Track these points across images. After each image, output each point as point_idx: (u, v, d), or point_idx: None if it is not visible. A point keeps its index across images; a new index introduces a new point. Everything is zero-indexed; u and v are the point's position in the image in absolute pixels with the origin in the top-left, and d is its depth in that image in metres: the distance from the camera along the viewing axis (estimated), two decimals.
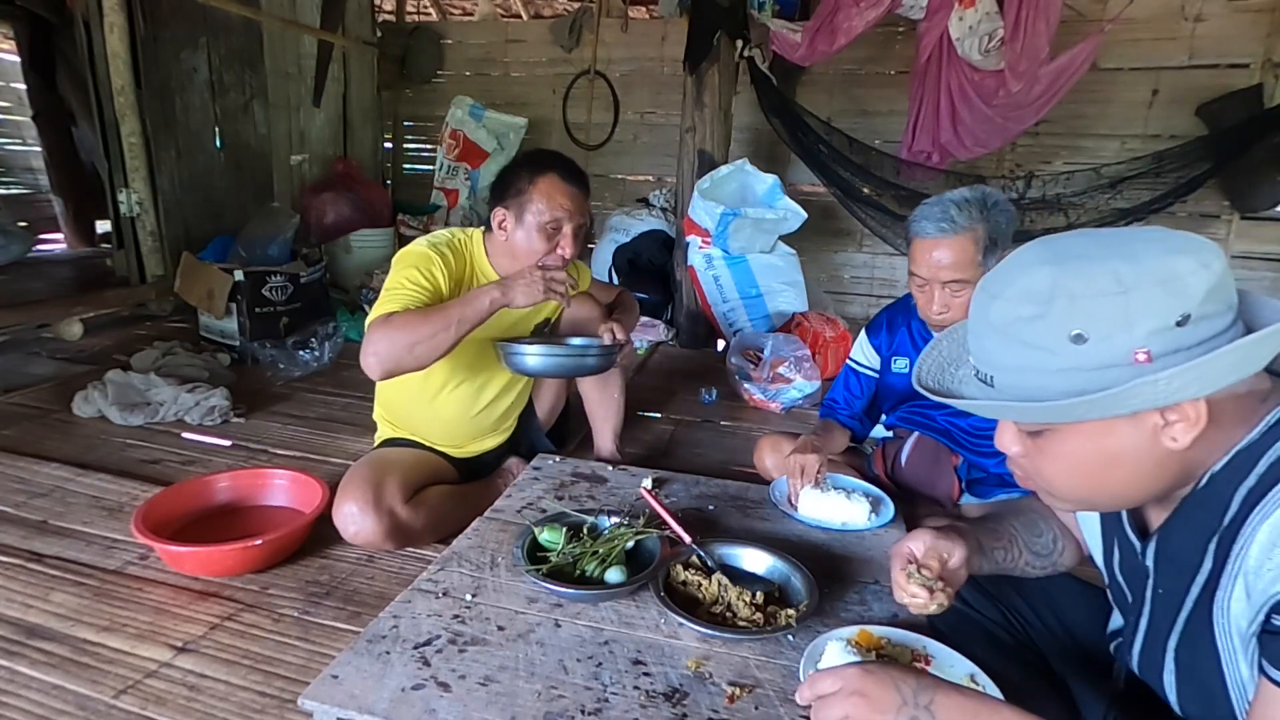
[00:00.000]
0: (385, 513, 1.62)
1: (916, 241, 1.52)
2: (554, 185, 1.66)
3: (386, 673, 0.99)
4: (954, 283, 1.48)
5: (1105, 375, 0.65)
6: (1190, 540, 0.72)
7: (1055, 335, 0.67)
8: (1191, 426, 0.66)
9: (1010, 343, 0.70)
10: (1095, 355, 0.65)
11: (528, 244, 1.68)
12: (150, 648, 1.36)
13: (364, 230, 4.46)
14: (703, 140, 3.73)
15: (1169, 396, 0.64)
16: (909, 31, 3.99)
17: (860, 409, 1.87)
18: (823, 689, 0.77)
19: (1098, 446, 0.70)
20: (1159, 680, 0.80)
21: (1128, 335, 0.64)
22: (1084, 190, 3.57)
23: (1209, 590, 0.70)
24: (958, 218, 1.45)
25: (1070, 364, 0.66)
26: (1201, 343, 0.64)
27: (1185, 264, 0.64)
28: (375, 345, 1.52)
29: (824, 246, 4.82)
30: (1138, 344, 0.64)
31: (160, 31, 3.76)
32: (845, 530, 1.46)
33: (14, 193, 6.14)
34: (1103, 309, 0.65)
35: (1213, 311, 0.64)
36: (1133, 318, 0.64)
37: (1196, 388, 0.64)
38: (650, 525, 1.34)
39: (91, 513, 1.85)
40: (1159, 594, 0.78)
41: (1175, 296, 0.63)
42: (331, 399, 2.83)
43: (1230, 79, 3.94)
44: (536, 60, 5.25)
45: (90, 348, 3.33)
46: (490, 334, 1.83)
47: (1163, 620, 0.77)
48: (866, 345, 1.84)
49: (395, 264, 1.70)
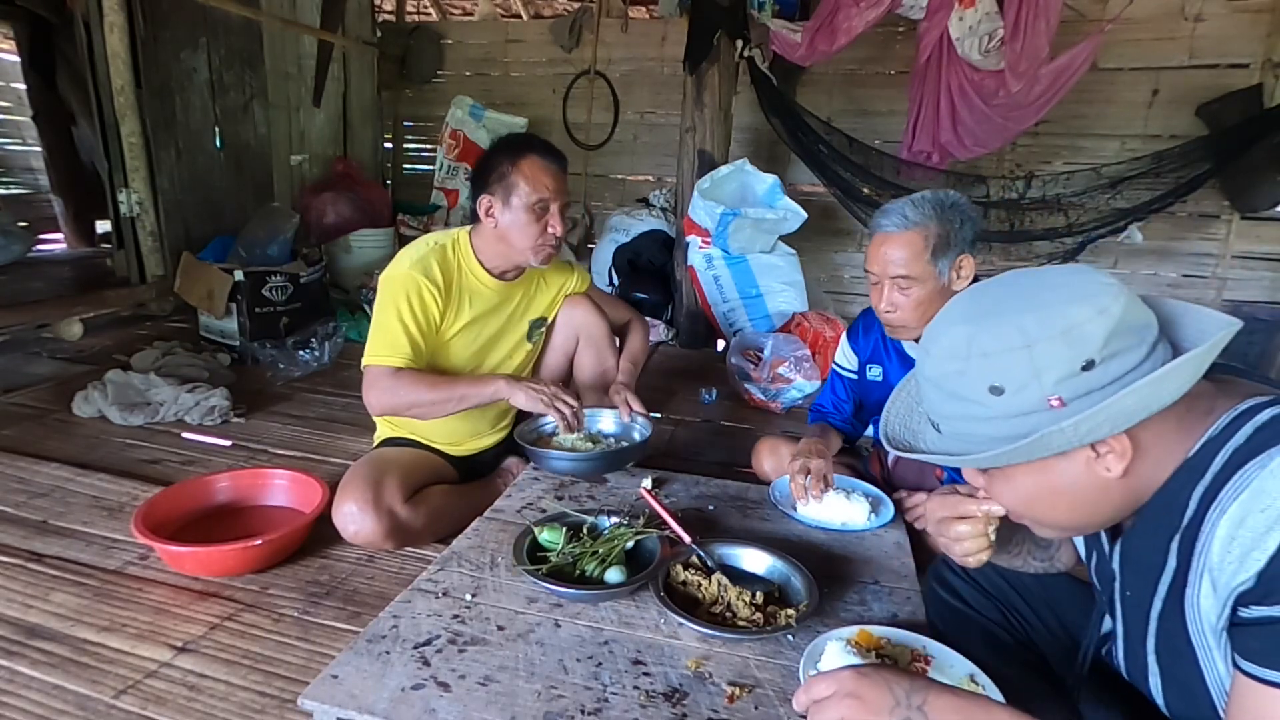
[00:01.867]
0: (385, 512, 1.62)
1: (873, 237, 1.54)
2: (536, 165, 1.68)
3: (386, 673, 0.99)
4: (901, 278, 1.49)
5: (1026, 421, 0.69)
6: (1152, 542, 0.74)
7: (977, 388, 0.72)
8: (1120, 458, 0.70)
9: (944, 395, 0.76)
10: (1014, 405, 0.70)
11: (518, 225, 1.69)
12: (150, 648, 1.36)
13: (364, 230, 4.46)
14: (703, 140, 3.73)
15: (1083, 438, 0.68)
16: (909, 31, 3.99)
17: (850, 412, 1.87)
18: (818, 693, 0.79)
19: (1040, 482, 0.75)
20: (1145, 682, 0.81)
21: (1038, 385, 0.68)
22: (1084, 190, 3.57)
23: (1176, 589, 0.72)
24: (910, 214, 1.47)
25: (995, 413, 0.71)
26: (1114, 380, 0.67)
27: (1082, 312, 0.67)
28: (378, 396, 1.65)
29: (824, 246, 4.82)
30: (1048, 392, 0.68)
31: (160, 31, 3.76)
32: (845, 530, 1.46)
33: (14, 193, 6.14)
34: (1011, 363, 0.69)
35: (1120, 349, 0.67)
36: (1039, 369, 0.68)
37: (1109, 427, 0.68)
38: (650, 525, 1.35)
39: (91, 513, 1.85)
40: (1127, 596, 0.80)
41: (1076, 345, 0.67)
42: (331, 399, 2.83)
43: (1230, 79, 3.94)
44: (536, 60, 5.25)
45: (90, 348, 3.33)
46: (489, 332, 1.84)
47: (1135, 623, 0.79)
48: (847, 348, 1.85)
49: (383, 288, 1.70)
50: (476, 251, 1.78)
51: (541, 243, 1.71)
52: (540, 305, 1.95)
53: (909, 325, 1.53)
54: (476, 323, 1.80)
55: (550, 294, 1.96)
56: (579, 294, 2.00)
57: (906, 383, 0.95)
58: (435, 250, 1.73)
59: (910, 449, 0.87)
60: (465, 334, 1.79)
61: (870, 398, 1.80)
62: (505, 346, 1.91)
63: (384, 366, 1.64)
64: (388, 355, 1.64)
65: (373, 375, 1.65)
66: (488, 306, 1.82)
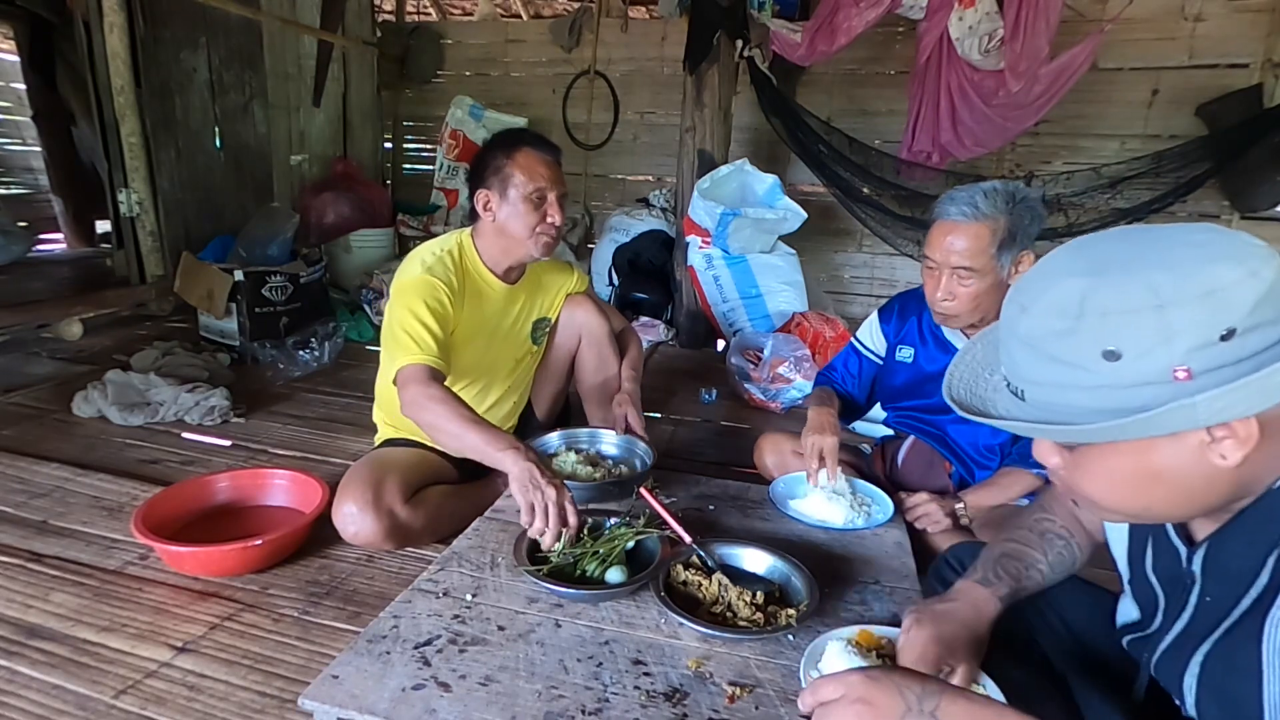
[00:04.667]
0: (384, 512, 1.62)
1: (936, 224, 1.49)
2: (531, 157, 1.69)
3: (387, 673, 0.99)
4: (962, 269, 1.45)
5: (1141, 394, 0.61)
6: (1247, 551, 0.68)
7: (1087, 352, 0.63)
8: (1241, 445, 0.61)
9: (1041, 358, 0.66)
10: (1130, 373, 0.61)
11: (517, 216, 1.70)
12: (150, 648, 1.36)
13: (364, 230, 4.46)
14: (703, 140, 3.73)
15: (1210, 418, 0.59)
16: (909, 31, 3.98)
17: (853, 389, 1.84)
18: (825, 695, 0.76)
19: (1138, 464, 0.66)
20: (1177, 682, 0.77)
21: (1166, 352, 0.59)
22: (1084, 190, 3.57)
23: (1262, 605, 0.66)
24: (981, 205, 1.42)
25: (1103, 381, 0.62)
26: (1251, 356, 0.58)
27: (1231, 274, 0.59)
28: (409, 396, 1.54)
29: (824, 246, 4.82)
30: (1177, 361, 0.59)
31: (160, 31, 3.76)
32: (845, 530, 1.46)
33: (14, 193, 6.14)
34: (1137, 325, 0.60)
35: (1264, 321, 0.58)
36: (1171, 333, 0.59)
37: (1243, 407, 0.59)
38: (650, 525, 1.34)
39: (91, 513, 1.85)
40: (1206, 601, 0.74)
41: (1218, 310, 0.58)
42: (331, 399, 2.83)
43: (1230, 79, 3.94)
44: (536, 60, 5.25)
45: (90, 348, 3.33)
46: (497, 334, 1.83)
47: (1200, 626, 0.74)
48: (876, 328, 1.80)
49: (398, 294, 1.66)
50: (480, 252, 1.79)
51: (540, 231, 1.71)
52: (543, 307, 1.95)
53: (961, 315, 1.51)
54: (485, 325, 1.81)
55: (551, 295, 1.97)
56: (579, 293, 2.01)
57: (975, 344, 0.86)
58: (444, 255, 1.73)
59: (983, 414, 0.77)
60: (475, 337, 1.79)
61: (896, 380, 1.77)
62: (511, 349, 1.91)
63: (417, 365, 1.56)
64: (416, 352, 1.58)
65: (407, 375, 1.56)
66: (494, 309, 1.82)
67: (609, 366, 2.01)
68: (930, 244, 1.50)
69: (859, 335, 1.85)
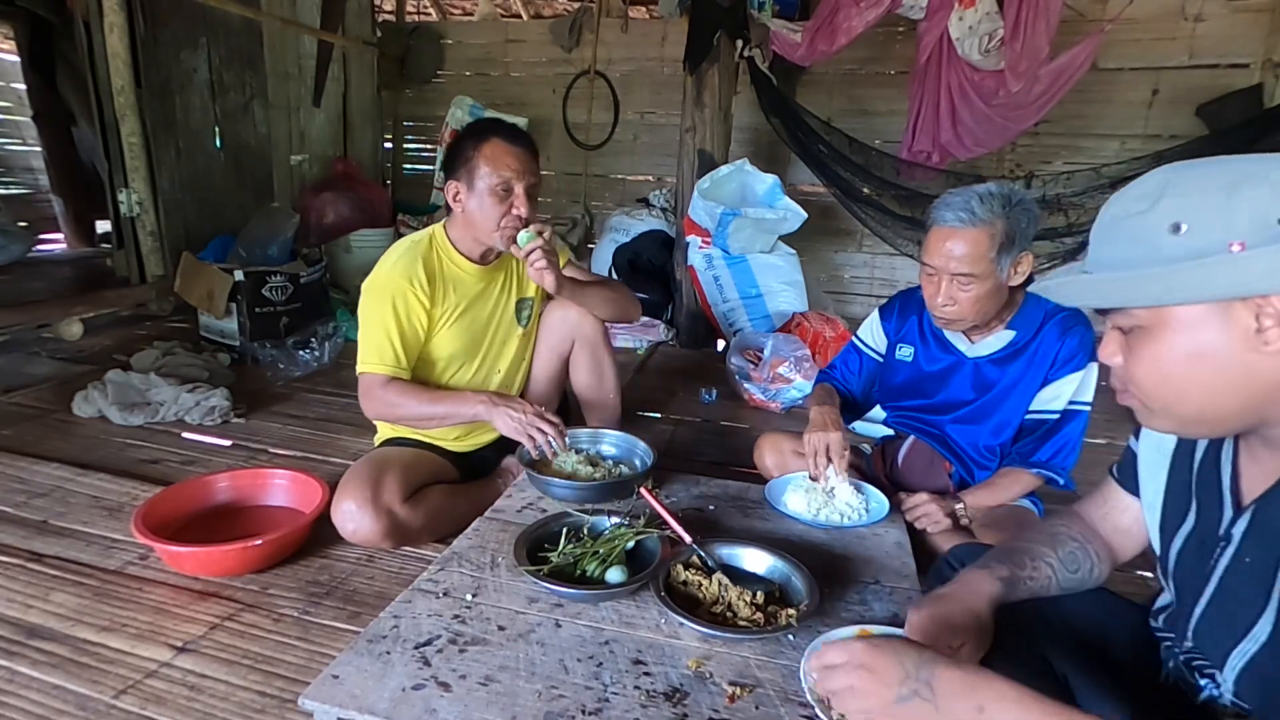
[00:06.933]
0: (383, 511, 1.62)
1: (933, 229, 1.48)
2: (498, 148, 1.68)
3: (387, 673, 0.99)
4: (962, 276, 1.44)
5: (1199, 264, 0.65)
6: None
7: (1156, 228, 0.68)
8: None
9: (1115, 237, 0.72)
10: (1190, 244, 0.65)
11: (482, 209, 1.70)
12: (150, 648, 1.36)
13: (364, 230, 4.46)
14: (703, 140, 3.73)
15: (1252, 284, 0.63)
16: (909, 31, 3.98)
17: (854, 388, 1.84)
18: (830, 660, 0.80)
19: (1185, 343, 0.69)
20: (1221, 655, 0.78)
21: (1224, 226, 0.64)
22: (1084, 190, 3.57)
23: None
24: (978, 210, 1.41)
25: (1166, 254, 0.67)
26: None
27: None
28: (372, 406, 1.73)
29: (824, 246, 4.82)
30: (1235, 235, 0.63)
31: (160, 31, 3.76)
32: (845, 529, 1.46)
33: (14, 193, 6.14)
34: (1206, 203, 0.65)
35: None
36: (1234, 210, 0.64)
37: None
38: (650, 525, 1.34)
39: (91, 513, 1.85)
40: (1245, 563, 0.76)
41: None
42: (331, 399, 2.83)
43: (1230, 79, 3.94)
44: (536, 60, 5.25)
45: (90, 348, 3.33)
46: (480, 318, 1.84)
47: (1248, 593, 0.75)
48: (877, 326, 1.80)
49: (366, 295, 1.73)
50: (453, 241, 1.79)
51: (506, 224, 1.70)
52: (524, 287, 1.94)
53: (964, 319, 1.50)
54: (466, 311, 1.81)
55: None
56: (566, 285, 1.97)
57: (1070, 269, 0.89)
58: (413, 248, 1.75)
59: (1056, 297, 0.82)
60: (457, 324, 1.80)
61: (895, 378, 1.77)
62: (498, 331, 1.90)
63: (376, 375, 1.70)
64: (376, 364, 1.71)
65: (365, 384, 1.72)
66: (473, 293, 1.82)
67: (603, 368, 2.01)
68: (928, 251, 1.49)
69: (860, 333, 1.85)
